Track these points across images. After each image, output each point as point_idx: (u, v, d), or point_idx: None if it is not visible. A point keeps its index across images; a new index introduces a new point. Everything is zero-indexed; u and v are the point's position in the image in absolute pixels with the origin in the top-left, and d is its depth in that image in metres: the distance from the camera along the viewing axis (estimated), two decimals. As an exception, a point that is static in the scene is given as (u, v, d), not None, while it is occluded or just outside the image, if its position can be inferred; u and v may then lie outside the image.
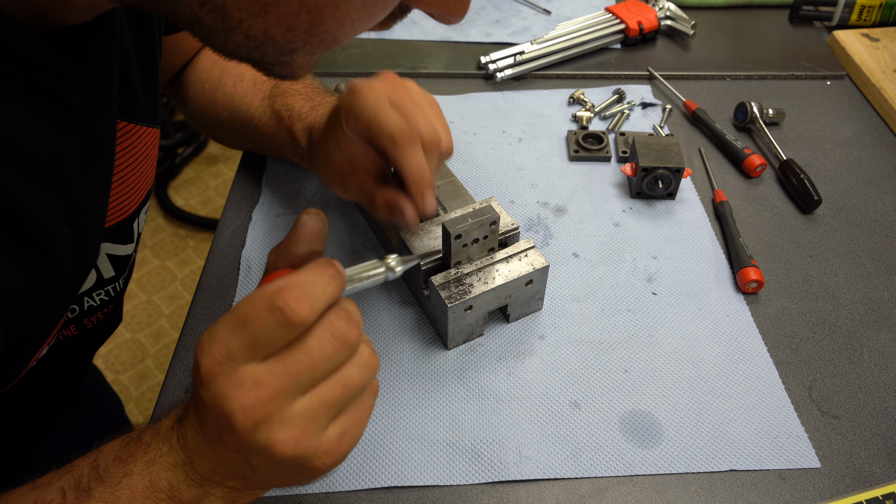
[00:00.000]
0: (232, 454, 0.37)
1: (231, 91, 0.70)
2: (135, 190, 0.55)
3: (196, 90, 0.72)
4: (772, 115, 0.84)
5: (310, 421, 0.36)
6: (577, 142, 0.81)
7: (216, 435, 0.37)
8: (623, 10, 0.97)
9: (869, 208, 0.75)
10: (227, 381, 0.35)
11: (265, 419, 0.35)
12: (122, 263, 0.58)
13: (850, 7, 0.99)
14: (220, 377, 0.35)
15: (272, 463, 0.36)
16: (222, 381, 0.35)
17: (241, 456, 0.37)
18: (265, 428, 0.35)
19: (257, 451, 0.36)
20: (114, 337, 1.87)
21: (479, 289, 0.57)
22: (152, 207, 2.23)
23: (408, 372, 0.59)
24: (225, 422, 0.35)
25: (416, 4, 0.40)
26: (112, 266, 0.56)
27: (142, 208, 0.57)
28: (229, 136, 0.74)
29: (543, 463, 0.54)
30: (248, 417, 0.35)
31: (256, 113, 0.68)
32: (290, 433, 0.36)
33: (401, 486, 0.52)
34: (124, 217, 0.54)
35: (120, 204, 0.53)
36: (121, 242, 0.56)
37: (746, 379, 0.60)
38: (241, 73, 0.70)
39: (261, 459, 0.36)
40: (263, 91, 0.69)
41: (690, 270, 0.68)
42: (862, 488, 0.53)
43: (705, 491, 0.53)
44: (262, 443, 0.35)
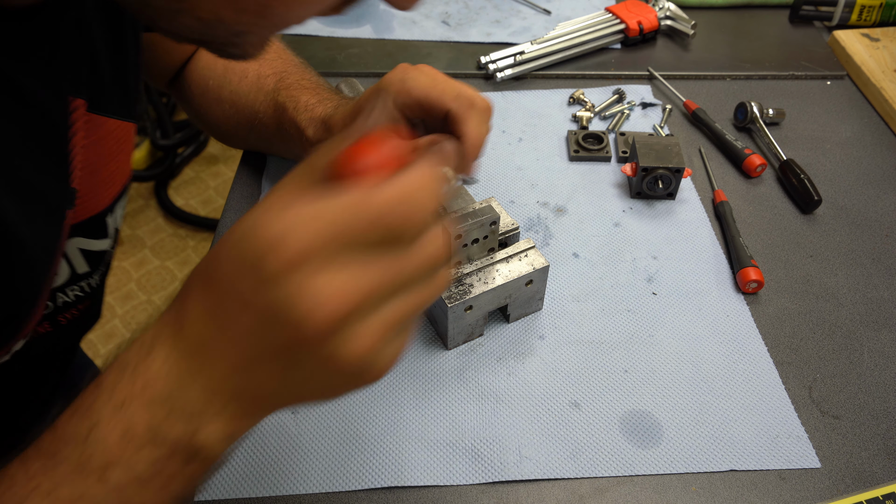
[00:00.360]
0: (267, 364, 0.32)
1: (236, 88, 0.70)
2: (108, 184, 0.54)
3: (200, 88, 0.72)
4: (772, 115, 0.84)
5: (382, 335, 0.32)
6: (577, 142, 0.81)
7: (253, 340, 0.32)
8: (623, 10, 0.97)
9: (869, 208, 0.75)
10: (307, 281, 0.30)
11: (340, 329, 0.31)
12: (97, 259, 0.57)
13: (850, 7, 0.99)
14: (298, 276, 0.30)
15: (323, 374, 0.32)
16: (300, 280, 0.30)
17: (282, 366, 0.32)
18: (337, 338, 0.31)
19: (315, 361, 0.32)
20: (113, 337, 1.87)
21: (479, 289, 0.57)
22: (152, 207, 2.23)
23: (408, 372, 0.59)
24: (288, 324, 0.30)
25: None
26: (86, 261, 0.56)
27: (117, 203, 0.57)
28: (233, 133, 0.74)
29: (543, 463, 0.54)
30: (324, 323, 0.30)
31: (261, 108, 0.68)
32: (360, 345, 0.31)
33: (401, 486, 0.52)
34: (97, 211, 0.54)
35: (91, 198, 0.53)
36: (94, 237, 0.55)
37: (746, 379, 0.59)
38: (245, 69, 0.70)
39: (310, 370, 0.32)
40: (268, 86, 0.68)
41: (690, 270, 0.68)
42: (862, 488, 0.53)
43: (705, 491, 0.53)
44: (328, 353, 0.31)
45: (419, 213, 0.31)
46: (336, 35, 0.98)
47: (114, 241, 0.59)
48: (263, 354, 0.32)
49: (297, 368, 0.32)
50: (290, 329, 0.30)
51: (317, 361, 0.32)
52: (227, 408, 0.33)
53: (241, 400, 0.33)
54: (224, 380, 0.33)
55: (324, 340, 0.31)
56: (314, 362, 0.32)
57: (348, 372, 0.32)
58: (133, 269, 2.05)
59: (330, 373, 0.32)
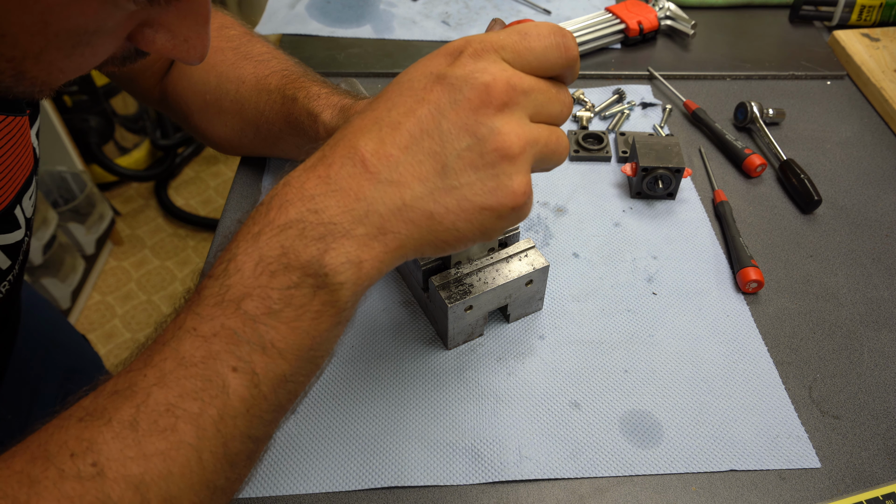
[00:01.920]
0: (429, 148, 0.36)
1: (235, 96, 0.69)
2: (8, 178, 0.54)
3: (198, 104, 0.71)
4: (772, 115, 0.84)
5: (534, 139, 0.38)
6: (578, 142, 0.81)
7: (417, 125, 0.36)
8: (623, 10, 0.97)
9: (869, 208, 0.75)
10: (490, 63, 0.36)
11: (511, 106, 0.36)
12: (14, 251, 0.58)
13: (850, 7, 0.99)
14: (485, 59, 0.36)
15: (481, 158, 0.36)
16: (487, 62, 0.36)
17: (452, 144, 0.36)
18: (508, 113, 0.36)
19: (483, 134, 0.36)
20: (113, 336, 1.87)
21: (479, 289, 0.57)
22: (152, 207, 2.24)
23: (408, 372, 0.59)
24: (477, 91, 0.36)
25: (148, 49, 0.39)
26: (6, 255, 0.56)
27: (23, 194, 0.57)
28: (238, 141, 0.73)
29: (543, 463, 0.54)
30: (502, 94, 0.36)
31: (265, 107, 0.67)
32: (519, 133, 0.36)
33: (401, 486, 0.52)
34: (4, 206, 0.54)
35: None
36: (6, 231, 0.55)
37: (746, 379, 0.60)
38: (241, 76, 0.69)
39: (474, 150, 0.36)
40: (271, 84, 0.68)
41: (690, 270, 0.68)
42: (862, 488, 0.53)
43: (705, 491, 0.53)
44: (497, 128, 0.36)
45: (576, 46, 0.39)
46: (336, 35, 0.98)
47: (27, 231, 0.59)
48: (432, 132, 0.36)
49: (470, 146, 0.36)
50: (481, 91, 0.36)
51: (485, 133, 0.36)
52: (357, 227, 0.35)
53: (372, 219, 0.35)
54: (360, 193, 0.35)
55: (501, 108, 0.36)
56: (483, 134, 0.36)
57: (512, 153, 0.36)
58: (133, 269, 2.05)
59: (490, 154, 0.36)
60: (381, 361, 0.60)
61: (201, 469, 0.34)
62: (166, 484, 0.33)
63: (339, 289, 0.35)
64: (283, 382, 0.36)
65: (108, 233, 2.03)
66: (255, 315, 0.35)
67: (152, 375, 0.34)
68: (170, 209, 2.18)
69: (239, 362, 0.34)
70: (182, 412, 0.33)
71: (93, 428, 0.33)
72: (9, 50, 0.33)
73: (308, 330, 0.36)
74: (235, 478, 0.37)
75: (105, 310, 1.94)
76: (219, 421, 0.34)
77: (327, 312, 0.36)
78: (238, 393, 0.34)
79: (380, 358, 0.60)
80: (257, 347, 0.35)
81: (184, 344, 0.35)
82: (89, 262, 1.97)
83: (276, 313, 0.35)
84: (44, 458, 0.32)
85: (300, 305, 0.35)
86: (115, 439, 0.32)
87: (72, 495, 0.31)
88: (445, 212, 0.36)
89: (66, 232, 1.86)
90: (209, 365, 0.34)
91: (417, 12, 1.03)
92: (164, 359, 0.35)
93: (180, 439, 0.33)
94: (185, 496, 0.33)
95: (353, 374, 0.59)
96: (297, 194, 0.36)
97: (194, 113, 0.72)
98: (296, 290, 0.35)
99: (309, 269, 0.35)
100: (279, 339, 0.35)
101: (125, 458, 0.32)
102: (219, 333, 0.34)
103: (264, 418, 0.36)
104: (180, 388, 0.34)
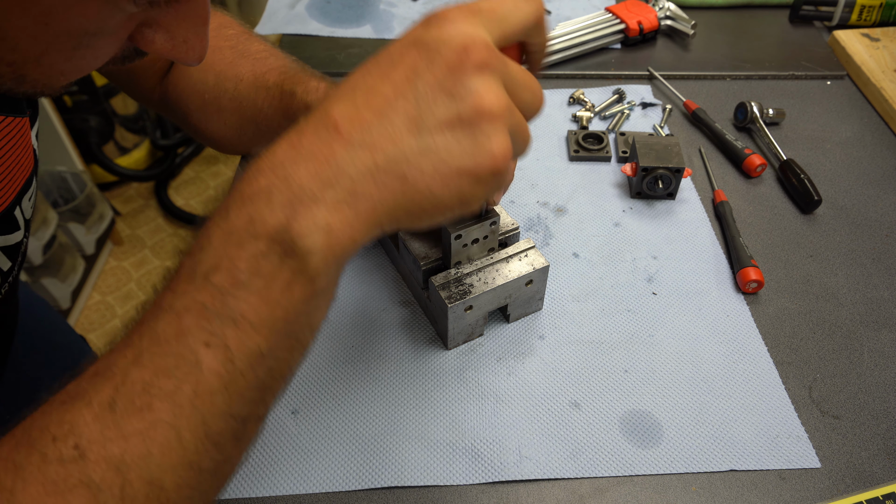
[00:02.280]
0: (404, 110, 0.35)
1: (233, 93, 0.69)
2: (8, 179, 0.54)
3: (196, 103, 0.71)
4: (772, 115, 0.84)
5: (511, 108, 0.36)
6: (577, 142, 0.81)
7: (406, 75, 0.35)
8: (623, 10, 0.97)
9: (869, 208, 0.75)
10: (466, 25, 0.36)
11: (489, 67, 0.35)
12: (14, 252, 0.58)
13: (850, 7, 0.99)
14: (461, 22, 0.36)
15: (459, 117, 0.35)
16: (463, 24, 0.36)
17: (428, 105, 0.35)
18: (487, 74, 0.35)
19: (460, 93, 0.35)
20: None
21: (479, 289, 0.57)
22: (152, 207, 2.24)
23: (408, 372, 0.59)
24: (454, 51, 0.35)
25: (147, 50, 0.38)
26: (6, 256, 0.56)
27: (23, 195, 0.57)
28: (237, 140, 0.73)
29: (543, 463, 0.54)
30: (480, 53, 0.35)
31: (264, 104, 0.67)
32: (498, 92, 0.35)
33: (401, 486, 0.52)
34: (4, 207, 0.54)
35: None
36: (7, 232, 0.55)
37: (746, 379, 0.59)
38: (239, 74, 0.69)
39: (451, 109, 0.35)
40: (269, 81, 0.67)
41: (690, 270, 0.68)
42: (862, 488, 0.53)
43: (705, 491, 0.53)
44: (474, 87, 0.35)
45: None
46: (336, 35, 0.98)
47: (26, 231, 0.59)
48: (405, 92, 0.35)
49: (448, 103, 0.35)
50: (458, 52, 0.35)
51: (465, 92, 0.35)
52: (326, 191, 0.34)
53: (342, 182, 0.34)
54: (331, 157, 0.34)
55: (478, 69, 0.35)
56: (461, 93, 0.35)
57: (488, 112, 0.35)
58: (133, 269, 2.05)
59: (468, 116, 0.35)
60: (381, 361, 0.60)
61: (181, 448, 0.33)
62: (146, 464, 0.32)
63: (307, 256, 0.34)
64: (260, 358, 0.35)
65: (108, 233, 2.03)
66: (223, 287, 0.34)
67: (130, 354, 0.34)
68: (170, 209, 2.18)
69: (211, 337, 0.33)
70: (157, 390, 0.33)
71: (73, 410, 0.33)
72: (9, 53, 0.33)
73: (279, 301, 0.34)
74: (223, 459, 0.36)
75: (105, 310, 1.94)
76: (194, 398, 0.33)
77: (298, 282, 0.34)
78: (212, 368, 0.34)
79: (380, 358, 0.60)
80: (228, 321, 0.34)
81: (159, 322, 0.34)
82: (89, 262, 1.97)
83: (245, 284, 0.34)
84: (27, 444, 0.32)
85: (268, 275, 0.34)
86: (95, 421, 0.32)
87: (55, 479, 0.31)
88: (420, 174, 0.35)
89: (66, 232, 1.86)
90: (182, 341, 0.33)
91: (417, 12, 1.03)
92: (140, 337, 0.34)
93: (157, 418, 0.33)
94: (166, 476, 0.33)
95: (353, 374, 0.59)
96: (268, 163, 0.35)
97: (193, 112, 0.72)
98: (263, 260, 0.34)
99: (276, 236, 0.34)
100: (250, 311, 0.34)
101: (105, 439, 0.32)
102: (190, 308, 0.34)
103: (245, 396, 0.35)
104: (154, 367, 0.33)
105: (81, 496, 0.31)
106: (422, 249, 0.59)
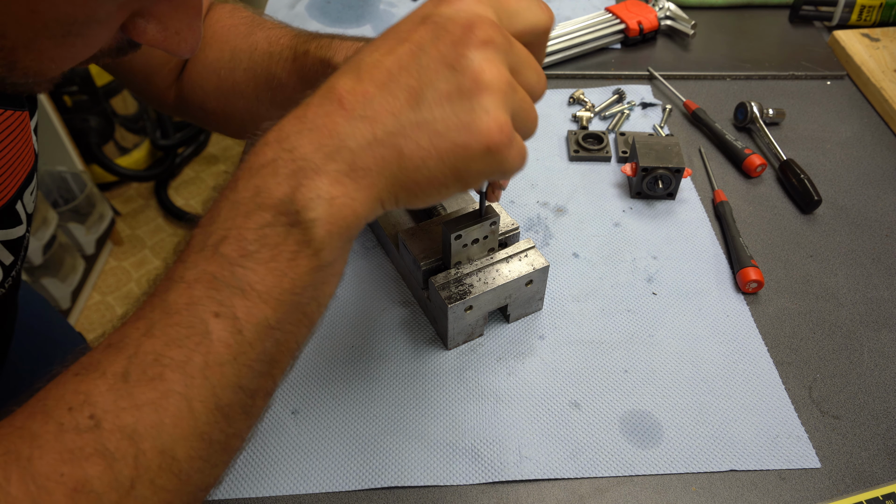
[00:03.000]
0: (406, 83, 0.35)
1: (248, 64, 0.68)
2: (10, 172, 0.54)
3: (213, 84, 0.70)
4: (772, 115, 0.84)
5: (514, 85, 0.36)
6: (577, 142, 0.81)
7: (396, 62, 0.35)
8: (623, 10, 0.97)
9: (869, 208, 0.75)
10: (477, 4, 0.36)
11: (494, 45, 0.35)
12: (16, 246, 0.58)
13: (850, 7, 0.99)
14: (472, 1, 0.36)
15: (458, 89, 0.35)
16: (474, 3, 0.36)
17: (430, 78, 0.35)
18: (490, 50, 0.35)
19: (463, 66, 0.34)
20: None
21: (479, 289, 0.57)
22: (152, 207, 2.24)
23: (408, 372, 0.59)
24: (460, 26, 0.35)
25: (140, 41, 0.39)
26: (8, 251, 0.57)
27: (24, 189, 0.57)
28: (256, 112, 0.71)
29: (543, 463, 0.54)
30: (486, 30, 0.35)
31: (277, 67, 0.66)
32: (500, 68, 0.35)
33: (401, 486, 0.52)
34: (5, 202, 0.54)
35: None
36: (9, 226, 0.56)
37: (746, 379, 0.59)
38: (254, 43, 0.68)
39: (452, 82, 0.34)
40: (283, 44, 0.66)
41: (690, 270, 0.68)
42: (862, 488, 0.53)
43: (705, 491, 0.53)
44: (476, 61, 0.34)
45: None
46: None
47: (28, 226, 0.59)
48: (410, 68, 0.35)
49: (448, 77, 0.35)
50: (465, 28, 0.35)
51: (466, 66, 0.34)
52: (329, 163, 0.34)
53: (343, 154, 0.35)
54: (334, 129, 0.35)
55: (481, 46, 0.34)
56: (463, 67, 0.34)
57: (475, 92, 0.34)
58: (133, 269, 2.05)
59: (474, 86, 0.34)
60: (381, 361, 0.60)
61: (193, 419, 0.34)
62: (158, 433, 0.33)
63: (311, 226, 0.34)
64: (268, 329, 0.35)
65: (108, 233, 2.03)
66: (232, 258, 0.34)
67: (142, 326, 0.35)
68: (170, 209, 2.18)
69: (220, 307, 0.34)
70: (169, 360, 0.34)
71: (88, 381, 0.33)
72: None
73: (286, 271, 0.35)
74: (233, 433, 0.36)
75: (105, 310, 1.94)
76: (205, 368, 0.34)
77: (303, 252, 0.35)
78: (222, 339, 0.34)
79: (380, 358, 0.60)
80: (237, 290, 0.34)
81: (170, 293, 0.35)
82: (89, 262, 1.97)
83: (252, 254, 0.34)
84: (43, 413, 0.33)
85: (275, 245, 0.35)
86: (109, 391, 0.33)
87: (72, 447, 0.32)
88: (416, 147, 0.35)
89: (66, 232, 1.86)
90: (192, 311, 0.34)
91: (417, 12, 1.03)
92: (152, 309, 0.35)
93: (168, 388, 0.33)
94: (178, 446, 0.34)
95: (353, 374, 0.59)
96: (275, 136, 0.36)
97: (210, 95, 0.71)
98: (269, 230, 0.34)
99: (281, 206, 0.34)
100: (257, 280, 0.34)
101: (119, 408, 0.33)
102: (200, 279, 0.34)
103: (254, 368, 0.36)
104: (166, 337, 0.34)
105: (97, 464, 0.32)
106: (422, 249, 0.59)
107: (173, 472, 0.34)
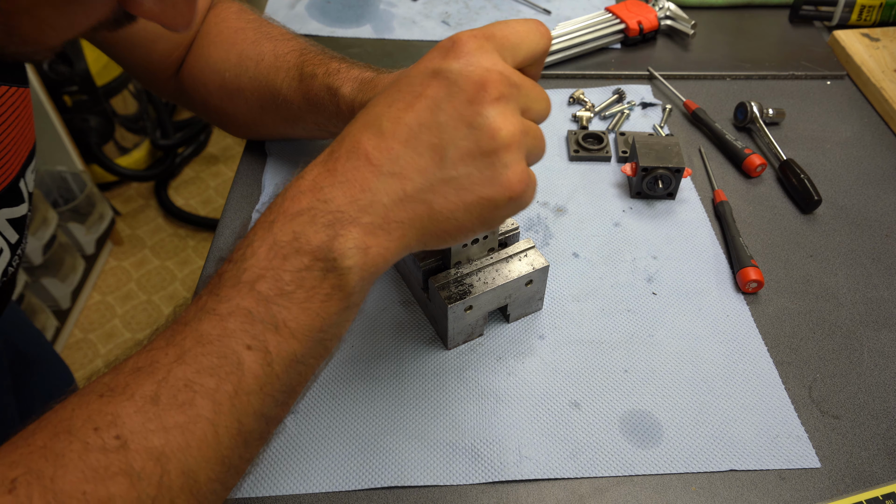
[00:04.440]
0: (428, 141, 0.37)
1: (254, 73, 0.68)
2: (12, 152, 0.55)
3: (216, 84, 0.70)
4: (772, 115, 0.84)
5: (525, 130, 0.39)
6: (577, 142, 0.81)
7: (416, 119, 0.37)
8: (623, 10, 0.97)
9: (869, 208, 0.75)
10: (483, 54, 0.38)
11: (506, 98, 0.37)
12: (21, 224, 0.59)
13: (850, 7, 0.99)
14: (478, 52, 0.38)
15: (478, 147, 0.37)
16: (480, 54, 0.38)
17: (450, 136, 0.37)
18: (503, 104, 0.37)
19: (479, 124, 0.37)
20: (113, 337, 1.87)
21: (479, 289, 0.57)
22: (152, 207, 2.24)
23: (408, 372, 0.59)
24: (473, 83, 0.37)
25: (135, 12, 0.40)
26: (14, 229, 0.58)
27: (26, 168, 0.58)
28: (258, 121, 0.72)
29: (543, 463, 0.54)
30: (497, 86, 0.37)
31: (283, 84, 0.67)
32: (513, 122, 0.38)
33: (401, 486, 0.52)
34: (9, 180, 0.55)
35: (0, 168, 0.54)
36: (13, 205, 0.57)
37: (746, 379, 0.60)
38: (261, 53, 0.68)
39: (471, 140, 0.37)
40: (289, 62, 0.67)
41: (690, 270, 0.68)
42: (862, 488, 0.53)
43: (705, 491, 0.53)
44: (492, 118, 0.37)
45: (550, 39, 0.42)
46: (336, 35, 0.98)
47: (30, 205, 0.60)
48: (429, 124, 0.37)
49: (466, 135, 0.37)
50: (477, 87, 0.37)
51: (482, 123, 0.37)
52: (363, 216, 0.37)
53: (376, 208, 0.37)
54: (365, 184, 0.37)
55: (495, 101, 0.37)
56: (479, 124, 0.37)
57: (505, 142, 0.37)
58: (133, 269, 2.05)
59: (487, 146, 0.37)
60: (381, 361, 0.60)
61: (217, 444, 0.35)
62: (184, 456, 0.34)
63: (346, 273, 0.37)
64: (295, 363, 0.37)
65: (108, 233, 2.03)
66: (268, 296, 0.36)
67: (173, 353, 0.36)
68: (170, 209, 2.18)
69: (253, 340, 0.36)
70: (200, 387, 0.35)
71: (115, 402, 0.34)
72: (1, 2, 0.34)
73: (318, 311, 0.37)
74: (248, 457, 0.38)
75: (105, 310, 1.94)
76: (234, 397, 0.35)
77: (336, 295, 0.38)
78: (252, 370, 0.36)
79: (380, 358, 0.60)
80: (270, 326, 0.36)
81: (203, 323, 0.36)
82: (89, 262, 1.97)
83: (289, 294, 0.37)
84: (67, 433, 0.33)
85: (311, 287, 0.37)
86: (137, 413, 0.34)
87: (97, 466, 0.32)
88: (445, 202, 0.38)
89: (66, 232, 1.86)
90: (225, 342, 0.36)
91: (417, 12, 1.03)
92: (184, 338, 0.36)
93: (198, 413, 0.35)
94: (201, 469, 0.35)
95: (353, 374, 0.59)
96: (309, 185, 0.38)
97: (213, 93, 0.71)
98: (307, 273, 0.37)
99: (319, 253, 0.37)
100: (291, 318, 0.37)
101: (147, 430, 0.34)
102: (234, 312, 0.36)
103: (277, 398, 0.38)
104: (198, 365, 0.35)
105: (121, 484, 0.32)
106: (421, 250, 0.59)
107: (192, 494, 0.35)
